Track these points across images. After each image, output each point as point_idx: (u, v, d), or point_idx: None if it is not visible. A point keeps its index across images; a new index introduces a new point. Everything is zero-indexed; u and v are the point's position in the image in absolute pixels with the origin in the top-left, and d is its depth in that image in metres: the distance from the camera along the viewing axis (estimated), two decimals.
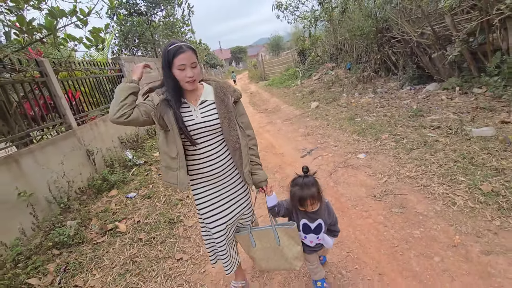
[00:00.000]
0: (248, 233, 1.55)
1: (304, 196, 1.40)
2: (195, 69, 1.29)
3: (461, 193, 2.35)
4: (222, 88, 1.43)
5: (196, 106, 1.38)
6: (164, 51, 1.30)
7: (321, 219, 1.50)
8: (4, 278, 2.07)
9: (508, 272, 1.62)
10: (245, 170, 1.45)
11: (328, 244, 1.55)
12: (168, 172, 1.39)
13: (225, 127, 1.38)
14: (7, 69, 2.95)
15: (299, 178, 1.46)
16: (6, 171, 2.60)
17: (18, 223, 2.55)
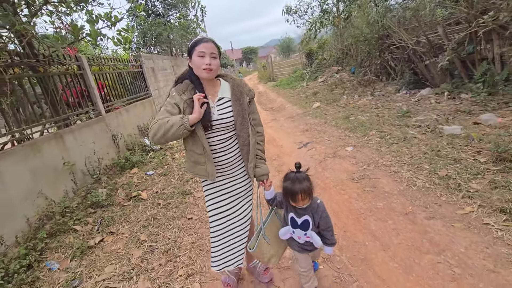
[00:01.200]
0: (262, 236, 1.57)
1: (296, 190, 1.40)
2: (214, 60, 1.34)
3: (422, 177, 2.85)
4: (239, 87, 1.48)
5: (214, 103, 1.43)
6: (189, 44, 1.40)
7: (308, 216, 1.49)
8: (56, 224, 2.69)
9: (440, 231, 2.12)
10: (250, 165, 1.52)
11: (316, 242, 1.52)
12: (196, 166, 1.46)
13: (238, 124, 1.44)
14: (55, 62, 3.60)
15: (291, 173, 1.47)
16: (55, 144, 3.24)
17: (63, 186, 3.18)
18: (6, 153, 2.64)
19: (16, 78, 2.99)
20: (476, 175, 2.61)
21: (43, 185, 2.91)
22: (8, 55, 2.86)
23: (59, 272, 2.22)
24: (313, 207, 1.50)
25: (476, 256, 1.82)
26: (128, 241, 2.56)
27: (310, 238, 1.53)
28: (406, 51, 6.59)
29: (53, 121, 3.45)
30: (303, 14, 12.18)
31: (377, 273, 1.85)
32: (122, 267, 2.21)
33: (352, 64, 10.32)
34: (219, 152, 1.46)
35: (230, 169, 1.53)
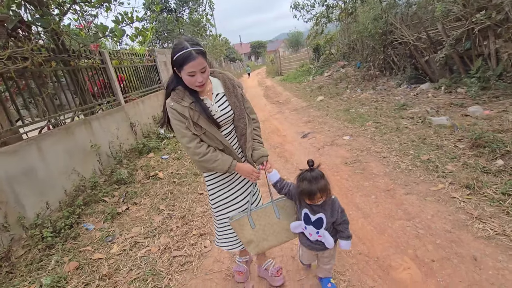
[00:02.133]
0: (247, 216, 1.55)
1: (314, 190, 1.36)
2: (205, 73, 1.30)
3: (407, 161, 3.21)
4: (230, 80, 1.50)
5: (212, 101, 1.44)
6: (172, 54, 1.29)
7: (323, 214, 1.45)
8: (88, 195, 3.18)
9: (414, 204, 2.48)
10: (248, 153, 1.53)
11: (328, 242, 1.47)
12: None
13: (236, 116, 1.48)
14: (83, 57, 4.06)
15: (306, 172, 1.42)
16: (84, 129, 3.72)
17: (91, 165, 3.67)
18: (47, 134, 3.12)
19: (53, 71, 3.46)
20: (453, 159, 2.95)
21: (75, 163, 3.39)
22: (47, 51, 3.32)
23: (94, 231, 2.70)
24: (329, 203, 1.46)
25: (439, 221, 2.19)
26: (149, 209, 3.02)
27: (322, 237, 1.48)
28: (407, 46, 6.81)
29: (82, 109, 3.92)
30: (310, 10, 12.36)
31: (356, 234, 2.24)
32: (146, 228, 2.67)
33: (358, 59, 10.51)
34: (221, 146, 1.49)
35: None
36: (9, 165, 2.56)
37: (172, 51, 1.30)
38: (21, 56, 2.88)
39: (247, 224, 1.55)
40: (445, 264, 1.80)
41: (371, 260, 1.95)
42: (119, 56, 5.17)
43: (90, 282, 2.02)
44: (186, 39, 1.30)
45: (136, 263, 2.19)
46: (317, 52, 14.74)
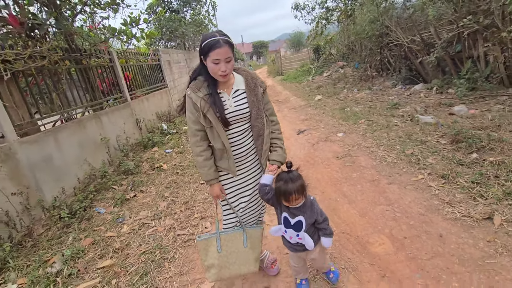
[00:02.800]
0: (216, 238, 1.52)
1: (289, 190, 1.38)
2: (229, 64, 1.32)
3: (392, 155, 3.47)
4: (252, 79, 1.49)
5: (229, 96, 1.44)
6: (201, 42, 1.33)
7: (302, 216, 1.46)
8: (98, 183, 3.46)
9: (395, 192, 2.74)
10: (264, 156, 1.54)
11: (308, 244, 1.48)
12: (219, 159, 1.50)
13: (253, 115, 1.46)
14: (93, 56, 4.34)
15: (283, 173, 1.45)
16: (94, 123, 3.99)
17: (101, 156, 3.95)
18: (63, 127, 3.40)
19: (67, 69, 3.74)
20: (434, 153, 3.22)
21: (87, 154, 3.67)
22: (61, 50, 3.60)
23: (106, 214, 2.98)
24: (308, 205, 1.47)
25: (415, 206, 2.46)
26: (155, 196, 3.30)
27: (302, 240, 1.49)
28: (402, 48, 7.06)
29: (92, 105, 4.20)
30: (310, 11, 12.62)
31: (340, 217, 2.51)
32: (152, 212, 2.94)
33: (356, 59, 10.76)
34: (236, 145, 1.48)
35: (244, 162, 1.55)
36: (31, 153, 2.84)
37: (201, 39, 1.35)
38: (40, 55, 3.16)
39: (214, 247, 1.53)
40: (415, 240, 2.06)
41: (351, 238, 2.22)
42: (126, 55, 5.45)
43: (105, 254, 2.30)
44: (217, 31, 1.34)
45: (145, 240, 2.47)
46: (317, 53, 14.99)
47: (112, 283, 1.97)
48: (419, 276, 1.76)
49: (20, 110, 2.90)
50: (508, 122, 3.47)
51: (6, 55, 2.71)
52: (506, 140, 3.00)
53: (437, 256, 1.88)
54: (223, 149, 1.45)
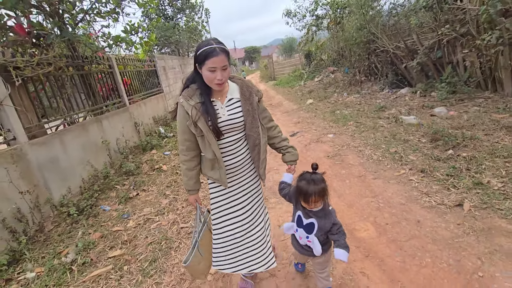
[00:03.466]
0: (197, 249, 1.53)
1: (310, 191, 1.37)
2: (225, 72, 1.31)
3: (378, 153, 3.75)
4: (248, 87, 1.47)
5: (223, 104, 1.42)
6: (197, 50, 1.31)
7: (314, 220, 1.45)
8: (102, 184, 3.62)
9: (379, 186, 3.01)
10: (262, 166, 1.51)
11: (316, 250, 1.47)
12: (210, 170, 1.47)
13: (248, 124, 1.43)
14: (94, 62, 4.53)
15: (307, 173, 1.45)
16: (96, 126, 4.17)
17: (103, 158, 4.11)
18: (67, 130, 3.57)
19: (71, 75, 3.92)
20: (415, 150, 3.51)
21: (89, 156, 3.84)
22: (65, 57, 3.78)
23: (111, 212, 3.15)
24: (323, 212, 1.45)
25: (396, 197, 2.72)
26: (157, 195, 3.49)
27: (311, 243, 1.48)
28: (388, 54, 7.46)
29: (92, 109, 4.38)
30: (301, 18, 13.03)
31: None
32: (156, 208, 3.13)
33: (346, 65, 11.17)
34: (229, 155, 1.45)
35: (239, 173, 1.51)
36: (39, 154, 3.00)
37: (197, 47, 1.33)
38: (46, 62, 3.34)
39: (199, 256, 1.54)
40: (396, 226, 2.32)
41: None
42: (124, 62, 5.64)
43: (114, 246, 2.48)
44: (212, 39, 1.33)
45: (151, 232, 2.65)
46: (308, 58, 15.41)
47: (124, 269, 2.16)
48: (398, 254, 2.01)
49: (29, 114, 3.07)
50: (481, 122, 3.80)
51: (17, 62, 2.89)
52: (478, 137, 3.32)
53: (414, 238, 2.14)
54: (214, 159, 1.41)
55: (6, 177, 2.53)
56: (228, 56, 1.33)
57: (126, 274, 2.11)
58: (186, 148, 1.46)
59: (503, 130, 3.39)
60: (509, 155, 2.82)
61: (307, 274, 1.95)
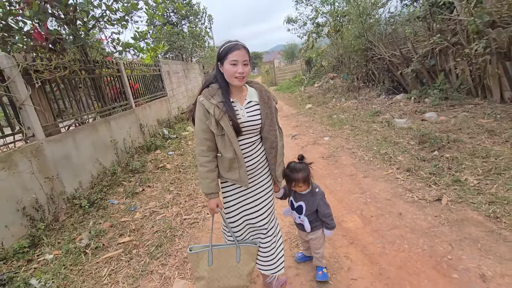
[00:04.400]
0: (208, 251, 1.52)
1: (292, 177, 1.63)
2: (246, 67, 1.36)
3: (369, 154, 3.99)
4: (266, 92, 1.52)
5: (242, 106, 1.45)
6: (219, 48, 1.38)
7: (303, 202, 1.71)
8: (109, 180, 3.87)
9: (368, 183, 3.23)
10: (278, 169, 1.55)
11: (306, 226, 1.76)
12: (229, 171, 1.47)
13: (266, 126, 1.46)
14: (104, 66, 4.82)
15: (292, 162, 1.68)
16: (105, 127, 4.43)
17: (110, 157, 4.37)
18: (79, 129, 3.84)
19: (83, 79, 4.20)
20: (404, 152, 3.74)
21: (98, 154, 4.09)
22: (79, 62, 4.07)
23: (119, 205, 3.40)
24: (310, 195, 1.72)
25: (383, 193, 2.95)
26: (161, 190, 3.73)
27: (303, 222, 1.77)
28: (385, 62, 7.73)
29: (102, 111, 4.65)
30: (302, 25, 13.39)
31: None
32: (160, 202, 3.37)
33: (345, 71, 11.47)
34: (246, 156, 1.48)
35: (254, 174, 1.53)
36: (55, 150, 3.26)
37: (219, 46, 1.40)
38: (62, 65, 3.63)
39: (205, 260, 1.52)
40: (380, 217, 2.55)
41: None
42: (132, 66, 5.94)
43: (123, 233, 2.72)
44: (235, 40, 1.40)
45: (156, 223, 2.89)
46: (309, 65, 15.74)
47: (133, 252, 2.39)
48: (379, 241, 2.23)
49: (46, 113, 3.34)
50: (467, 126, 4.03)
51: (37, 66, 3.17)
52: (462, 140, 3.55)
53: (395, 228, 2.37)
54: (234, 159, 1.41)
55: (29, 169, 2.79)
56: (249, 53, 1.38)
57: (135, 257, 2.35)
58: (207, 148, 1.45)
59: (485, 134, 3.62)
60: (487, 155, 3.05)
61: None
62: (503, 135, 3.45)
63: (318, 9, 12.12)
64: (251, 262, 1.56)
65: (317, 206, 1.73)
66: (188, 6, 11.90)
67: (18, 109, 2.97)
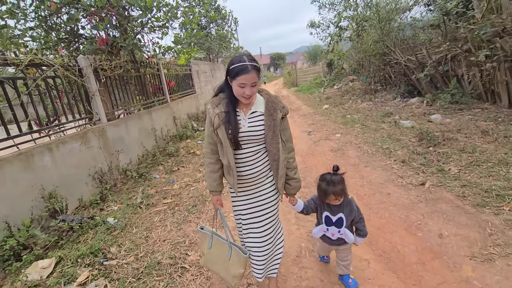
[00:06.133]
0: (210, 235, 1.65)
1: (329, 191, 1.56)
2: (254, 88, 1.38)
3: (373, 149, 4.51)
4: (273, 103, 1.50)
5: (246, 116, 1.47)
6: (230, 64, 1.40)
7: (342, 214, 1.63)
8: (151, 160, 4.71)
9: (368, 171, 3.78)
10: (280, 182, 1.54)
11: (349, 238, 1.66)
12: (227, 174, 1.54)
13: (268, 138, 1.47)
14: (147, 66, 5.70)
15: (327, 174, 1.61)
16: (147, 117, 5.30)
17: (151, 142, 5.23)
18: (129, 117, 4.71)
19: (135, 76, 5.08)
20: (403, 147, 4.23)
21: (142, 139, 4.95)
22: (130, 62, 4.94)
23: (160, 178, 4.20)
24: (346, 203, 1.65)
25: (378, 179, 3.50)
26: (193, 170, 4.50)
27: (343, 235, 1.67)
28: (401, 66, 8.08)
29: (145, 103, 5.53)
30: (325, 29, 13.83)
31: None
32: (193, 178, 4.13)
33: (364, 74, 11.80)
34: (247, 165, 1.50)
35: (256, 183, 1.56)
36: (113, 132, 4.12)
37: (230, 61, 1.42)
38: (119, 65, 4.50)
39: (207, 242, 1.68)
40: (371, 196, 3.11)
41: None
42: (168, 66, 6.83)
43: (166, 197, 3.50)
44: (245, 54, 1.41)
45: (191, 191, 3.64)
46: (330, 67, 16.13)
47: (175, 209, 3.16)
48: (367, 212, 2.81)
49: (108, 103, 4.21)
50: (466, 127, 4.43)
51: (103, 65, 4.04)
52: (456, 138, 3.99)
53: (382, 203, 2.93)
54: (229, 166, 1.48)
55: (98, 145, 3.65)
56: (259, 72, 1.40)
57: (177, 212, 3.10)
58: (211, 151, 1.55)
59: (479, 134, 4.03)
60: (474, 151, 3.50)
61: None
62: (495, 135, 3.85)
63: (341, 13, 12.53)
64: (240, 268, 1.58)
65: (355, 214, 1.69)
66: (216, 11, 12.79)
67: (90, 98, 3.84)
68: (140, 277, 2.07)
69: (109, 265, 2.16)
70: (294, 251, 2.36)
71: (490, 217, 2.36)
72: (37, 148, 2.84)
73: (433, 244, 2.21)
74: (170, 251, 2.40)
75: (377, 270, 2.03)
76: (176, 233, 2.68)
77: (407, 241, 2.30)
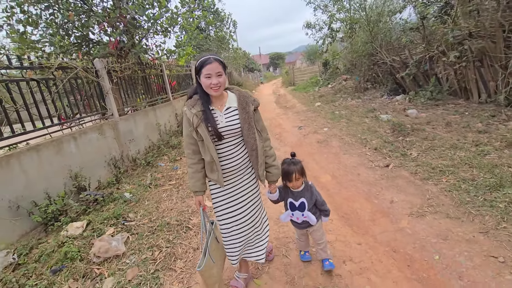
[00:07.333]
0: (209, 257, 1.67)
1: (291, 170, 1.76)
2: (220, 78, 1.48)
3: (353, 140, 5.09)
4: (244, 97, 1.63)
5: (221, 112, 1.58)
6: (196, 62, 1.53)
7: (303, 198, 1.82)
8: (156, 151, 5.30)
9: (346, 158, 4.36)
10: (260, 169, 1.68)
11: (311, 220, 1.84)
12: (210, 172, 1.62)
13: (245, 130, 1.59)
14: (152, 67, 6.29)
15: (287, 159, 1.86)
16: (152, 113, 5.89)
17: (156, 135, 5.82)
18: (136, 113, 5.30)
19: (142, 77, 5.67)
20: (378, 137, 4.82)
21: (148, 132, 5.54)
22: (137, 64, 5.52)
23: (165, 166, 4.79)
24: (307, 189, 1.85)
25: (352, 163, 4.08)
26: None
27: (306, 218, 1.85)
28: (387, 66, 8.67)
29: (149, 101, 6.12)
30: (319, 30, 14.40)
31: (308, 169, 4.15)
32: None
33: (357, 73, 12.38)
34: (228, 158, 1.60)
35: (237, 175, 1.67)
36: (124, 126, 4.71)
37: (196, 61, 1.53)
38: (128, 67, 5.09)
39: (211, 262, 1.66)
40: (344, 176, 3.71)
41: (311, 177, 3.87)
42: (170, 67, 7.42)
43: (171, 179, 4.09)
44: (209, 54, 1.52)
45: None
46: (325, 67, 16.71)
47: (179, 188, 3.75)
48: (338, 187, 3.41)
49: (119, 101, 4.80)
50: (435, 120, 5.02)
51: (115, 67, 4.63)
52: (424, 129, 4.58)
53: (351, 181, 3.52)
54: (212, 162, 1.55)
55: (112, 135, 4.25)
56: (223, 66, 1.50)
57: (181, 190, 3.70)
58: (192, 151, 1.63)
59: (443, 125, 4.62)
60: (434, 139, 4.09)
61: None
62: (455, 126, 4.44)
63: (333, 15, 13.10)
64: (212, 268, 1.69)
65: (315, 197, 1.88)
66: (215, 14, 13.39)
67: (104, 96, 4.44)
68: (154, 232, 2.66)
69: (129, 225, 2.76)
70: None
71: (431, 187, 2.95)
72: (65, 137, 3.43)
73: (384, 208, 2.80)
74: (176, 216, 2.99)
75: (338, 226, 2.63)
76: (181, 205, 3.28)
77: (365, 207, 2.89)
